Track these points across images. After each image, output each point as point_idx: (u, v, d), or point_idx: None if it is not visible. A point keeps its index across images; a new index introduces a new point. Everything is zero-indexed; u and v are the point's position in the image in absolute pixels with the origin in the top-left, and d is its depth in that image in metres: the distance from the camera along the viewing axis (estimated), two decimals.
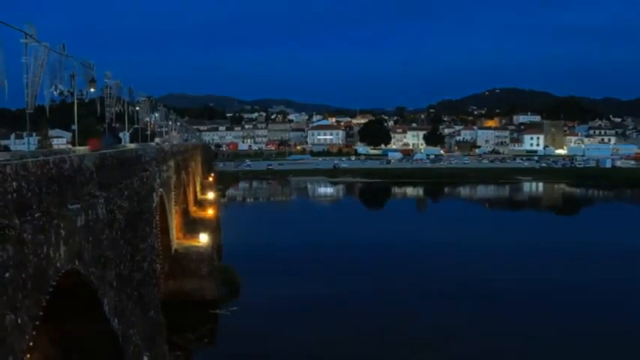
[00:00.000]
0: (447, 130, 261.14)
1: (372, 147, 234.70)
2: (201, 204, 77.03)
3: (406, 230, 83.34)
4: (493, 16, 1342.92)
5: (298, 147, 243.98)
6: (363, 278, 53.51)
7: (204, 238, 50.33)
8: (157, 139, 56.79)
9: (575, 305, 45.98)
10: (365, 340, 38.02)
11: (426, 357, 35.37)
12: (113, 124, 35.18)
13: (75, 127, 25.08)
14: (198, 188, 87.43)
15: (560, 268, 58.63)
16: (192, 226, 58.12)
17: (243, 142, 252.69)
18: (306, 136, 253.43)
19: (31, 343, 11.96)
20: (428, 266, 58.92)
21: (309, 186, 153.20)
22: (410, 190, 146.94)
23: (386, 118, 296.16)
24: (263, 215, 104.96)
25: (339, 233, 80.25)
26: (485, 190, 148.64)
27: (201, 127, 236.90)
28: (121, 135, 45.85)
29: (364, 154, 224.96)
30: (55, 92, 20.56)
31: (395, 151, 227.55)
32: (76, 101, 24.47)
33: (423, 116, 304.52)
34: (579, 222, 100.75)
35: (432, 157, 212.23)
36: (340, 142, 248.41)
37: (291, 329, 39.90)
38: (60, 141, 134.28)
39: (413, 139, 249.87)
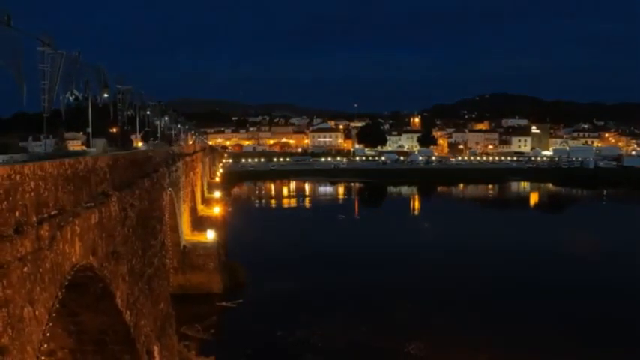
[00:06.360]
0: (439, 133, 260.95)
1: (369, 149, 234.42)
2: (208, 203, 77.05)
3: (402, 229, 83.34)
4: (485, 24, 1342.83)
5: (299, 149, 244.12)
6: (363, 275, 53.41)
7: (210, 235, 50.34)
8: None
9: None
10: (364, 334, 38.01)
11: (421, 349, 35.35)
12: (125, 128, 35.24)
13: (89, 129, 25.16)
14: (205, 188, 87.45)
15: (544, 263, 58.85)
16: (200, 223, 58.16)
17: (247, 144, 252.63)
18: (307, 139, 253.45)
19: (48, 334, 11.98)
20: (424, 263, 58.87)
21: (310, 186, 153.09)
22: (405, 190, 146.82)
23: (382, 121, 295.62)
24: (266, 214, 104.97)
25: (339, 231, 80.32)
26: (475, 190, 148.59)
27: (208, 130, 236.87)
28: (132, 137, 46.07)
29: (362, 155, 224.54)
30: (70, 97, 20.62)
31: (391, 152, 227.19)
32: (90, 105, 24.51)
33: (417, 120, 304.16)
34: (562, 220, 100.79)
35: (425, 158, 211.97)
36: (339, 144, 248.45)
37: (294, 321, 39.87)
38: (74, 143, 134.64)
39: (408, 141, 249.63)
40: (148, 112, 46.29)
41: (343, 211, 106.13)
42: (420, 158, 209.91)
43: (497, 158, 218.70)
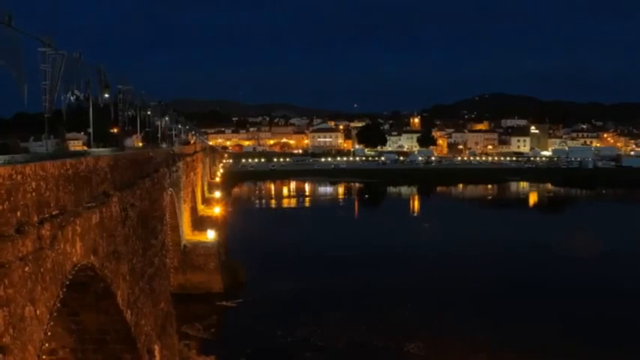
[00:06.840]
0: (439, 133, 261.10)
1: (369, 149, 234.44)
2: (208, 202, 77.06)
3: (402, 229, 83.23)
4: (485, 24, 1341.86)
5: (299, 149, 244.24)
6: (363, 275, 53.35)
7: (211, 235, 50.34)
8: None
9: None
10: (364, 334, 37.98)
11: (421, 349, 35.33)
12: (126, 128, 35.24)
13: (90, 130, 25.16)
14: (205, 188, 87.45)
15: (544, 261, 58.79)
16: (200, 223, 58.17)
17: (247, 144, 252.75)
18: (307, 139, 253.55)
19: (49, 333, 11.96)
20: (424, 263, 58.82)
21: (310, 186, 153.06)
22: (405, 190, 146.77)
23: (382, 121, 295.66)
24: (266, 214, 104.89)
25: (339, 231, 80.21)
26: (475, 190, 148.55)
27: (209, 130, 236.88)
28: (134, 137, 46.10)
29: (362, 156, 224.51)
30: (71, 98, 20.60)
31: (391, 152, 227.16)
32: (91, 106, 24.48)
33: (417, 120, 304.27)
34: (561, 220, 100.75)
35: (425, 158, 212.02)
36: (339, 144, 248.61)
37: (294, 321, 39.85)
38: (75, 143, 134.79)
39: (407, 141, 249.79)
40: (149, 113, 46.24)
41: (343, 211, 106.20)
42: (420, 158, 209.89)
43: (496, 158, 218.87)
